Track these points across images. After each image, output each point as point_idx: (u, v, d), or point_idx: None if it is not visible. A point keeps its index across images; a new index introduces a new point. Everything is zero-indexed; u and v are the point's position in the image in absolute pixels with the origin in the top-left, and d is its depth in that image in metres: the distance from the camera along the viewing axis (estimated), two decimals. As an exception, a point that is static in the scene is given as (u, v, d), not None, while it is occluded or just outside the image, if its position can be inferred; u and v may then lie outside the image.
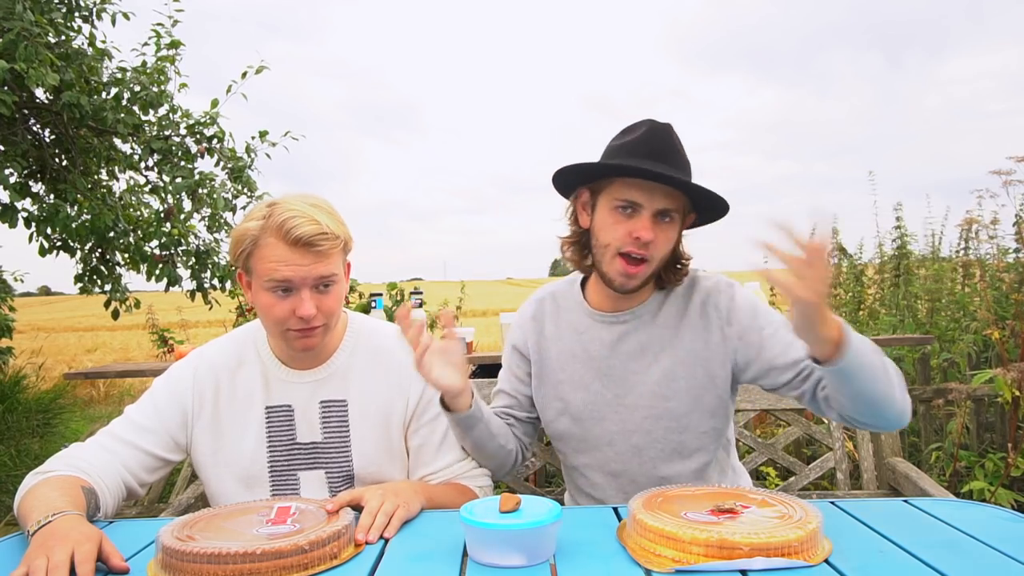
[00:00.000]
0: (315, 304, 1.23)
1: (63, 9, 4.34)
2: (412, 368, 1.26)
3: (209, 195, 4.67)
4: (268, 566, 0.90)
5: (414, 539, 1.05)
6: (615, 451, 1.39)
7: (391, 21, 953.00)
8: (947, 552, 0.94)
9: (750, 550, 0.88)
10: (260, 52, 20.43)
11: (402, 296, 4.72)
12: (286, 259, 1.20)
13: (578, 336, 1.43)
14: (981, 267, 3.61)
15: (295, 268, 1.20)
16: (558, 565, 0.92)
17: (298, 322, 1.23)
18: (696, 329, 1.36)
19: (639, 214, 1.28)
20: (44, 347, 8.35)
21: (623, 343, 1.39)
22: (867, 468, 1.79)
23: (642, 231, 1.27)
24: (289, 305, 1.23)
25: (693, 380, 1.35)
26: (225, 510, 1.10)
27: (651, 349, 1.37)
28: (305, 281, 1.22)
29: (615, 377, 1.39)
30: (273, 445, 1.33)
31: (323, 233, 1.20)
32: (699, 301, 1.38)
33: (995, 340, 2.67)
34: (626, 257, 1.29)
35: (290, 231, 1.19)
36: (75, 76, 4.08)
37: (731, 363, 1.36)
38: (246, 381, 1.35)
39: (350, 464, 1.33)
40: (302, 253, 1.20)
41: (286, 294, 1.22)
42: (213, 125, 4.75)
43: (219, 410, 1.34)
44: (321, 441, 1.33)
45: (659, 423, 1.36)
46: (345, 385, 1.35)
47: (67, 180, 4.51)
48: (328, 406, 1.34)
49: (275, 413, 1.34)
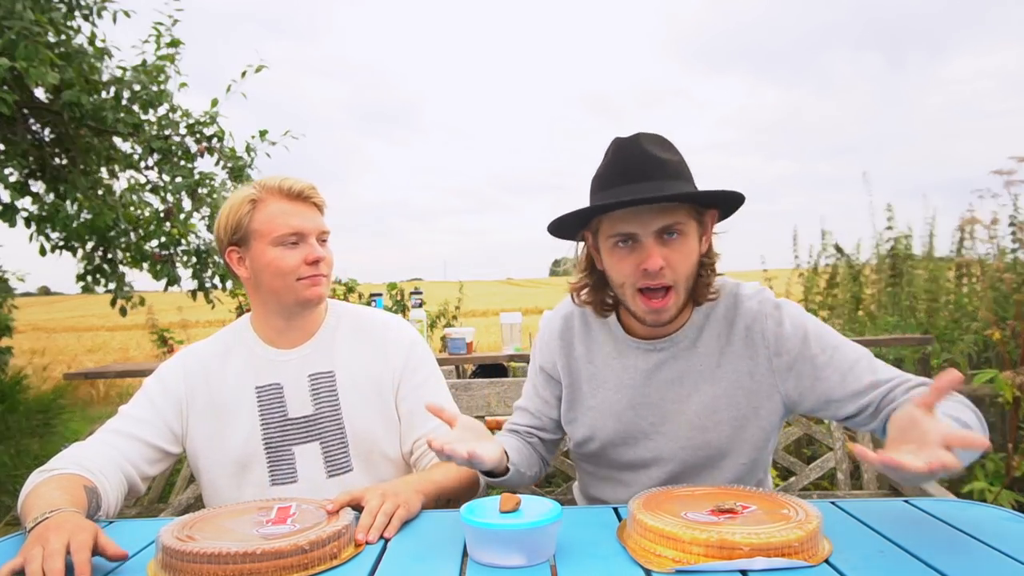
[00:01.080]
0: (320, 253, 1.34)
1: (63, 8, 4.34)
2: (393, 336, 1.42)
3: (209, 194, 4.67)
4: (268, 566, 0.90)
5: (414, 539, 1.05)
6: (648, 477, 1.32)
7: (391, 20, 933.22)
8: (947, 552, 0.93)
9: (750, 550, 0.87)
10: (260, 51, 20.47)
11: (402, 296, 4.72)
12: (293, 211, 1.33)
13: (610, 362, 1.33)
14: (981, 267, 3.61)
15: (302, 218, 1.33)
16: (558, 565, 0.92)
17: (308, 269, 1.33)
18: (741, 358, 1.26)
19: (639, 244, 1.18)
20: (44, 347, 8.35)
21: (660, 372, 1.29)
22: (867, 468, 1.79)
23: (647, 261, 1.16)
24: (299, 254, 1.33)
25: (735, 411, 1.25)
26: (225, 510, 1.10)
27: (690, 378, 1.28)
28: (312, 230, 1.34)
29: (651, 406, 1.30)
30: (266, 423, 1.37)
31: (313, 187, 1.36)
32: (743, 326, 1.26)
33: (995, 340, 2.67)
34: (645, 292, 1.20)
35: (290, 187, 1.33)
36: (75, 75, 4.08)
37: (780, 395, 1.26)
38: (235, 366, 1.40)
39: (343, 433, 1.37)
40: (304, 205, 1.34)
41: (294, 245, 1.33)
42: (213, 124, 4.75)
43: (212, 397, 1.38)
44: (313, 413, 1.37)
45: (696, 454, 1.28)
46: (331, 357, 1.40)
47: (67, 179, 4.52)
48: (316, 378, 1.38)
49: (265, 392, 1.38)
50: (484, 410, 1.83)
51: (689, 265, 1.21)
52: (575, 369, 1.37)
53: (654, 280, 1.18)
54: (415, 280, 12.73)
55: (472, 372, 3.92)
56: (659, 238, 1.18)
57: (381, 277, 4.91)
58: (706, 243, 1.25)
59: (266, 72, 4.68)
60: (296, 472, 1.36)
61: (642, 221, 1.16)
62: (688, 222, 1.20)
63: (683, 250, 1.19)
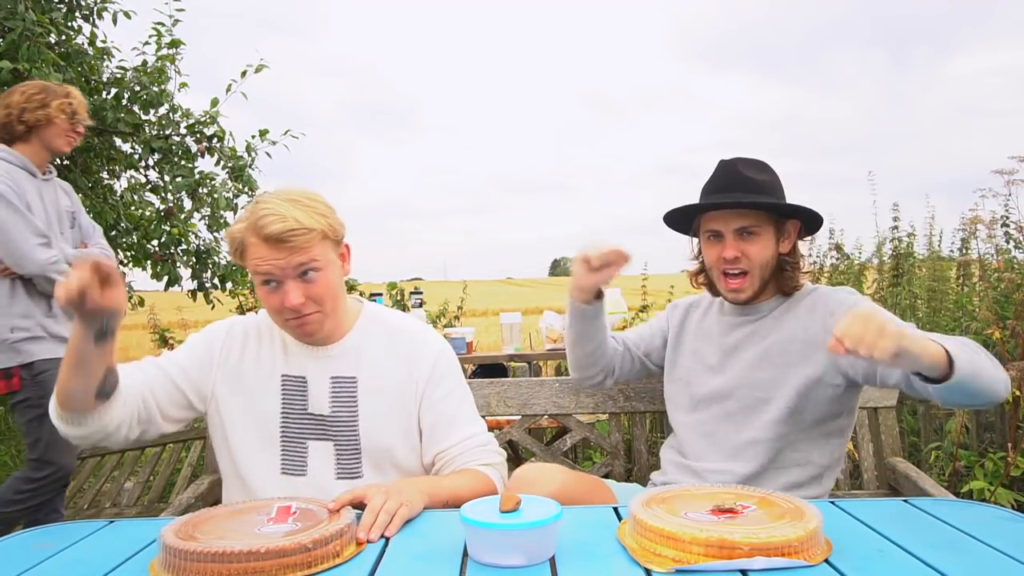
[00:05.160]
0: (302, 292, 1.29)
1: (63, 8, 4.34)
2: (419, 348, 1.42)
3: (209, 194, 4.67)
4: (272, 564, 0.90)
5: (415, 538, 1.06)
6: (709, 414, 1.55)
7: (392, 19, 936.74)
8: (947, 552, 0.94)
9: (750, 550, 0.88)
10: (259, 50, 20.39)
11: (402, 296, 4.72)
12: (265, 256, 1.28)
13: (711, 324, 1.64)
14: (982, 267, 3.61)
15: (272, 263, 1.28)
16: (558, 565, 0.92)
17: (290, 312, 1.31)
18: (800, 319, 1.52)
19: (722, 238, 1.52)
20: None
21: (740, 328, 1.58)
22: (867, 468, 1.79)
23: (725, 251, 1.50)
24: (279, 297, 1.30)
25: (785, 358, 1.49)
26: (227, 509, 1.11)
27: (760, 333, 1.55)
28: (285, 272, 1.28)
29: (723, 352, 1.58)
30: (287, 412, 1.38)
31: (292, 230, 1.26)
32: (811, 300, 1.54)
33: (995, 340, 2.67)
34: (726, 275, 1.53)
35: (262, 229, 1.26)
36: (75, 76, 4.08)
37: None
38: (270, 348, 1.43)
39: (357, 438, 1.37)
40: (277, 248, 1.27)
41: (274, 287, 1.30)
42: (213, 124, 4.74)
43: (243, 368, 1.41)
44: (328, 415, 1.38)
45: (749, 393, 1.51)
46: (357, 363, 1.40)
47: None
48: (338, 382, 1.39)
49: (290, 382, 1.39)
50: (484, 410, 1.84)
51: (762, 258, 1.50)
52: (687, 325, 1.70)
53: (731, 266, 1.51)
54: (415, 280, 12.73)
55: (472, 372, 3.92)
56: (738, 235, 1.50)
57: (381, 277, 4.90)
58: (786, 245, 1.54)
59: (267, 71, 4.68)
60: (306, 466, 1.36)
61: (725, 221, 1.51)
62: (764, 226, 1.50)
63: (757, 246, 1.50)
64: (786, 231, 1.54)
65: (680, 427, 1.62)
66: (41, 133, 2.40)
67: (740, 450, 1.49)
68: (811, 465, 1.49)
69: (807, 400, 1.47)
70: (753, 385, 1.51)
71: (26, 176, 2.39)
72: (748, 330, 1.56)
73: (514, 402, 1.87)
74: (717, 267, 1.54)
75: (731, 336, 1.58)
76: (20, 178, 2.35)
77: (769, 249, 1.51)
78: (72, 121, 2.44)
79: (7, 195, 2.26)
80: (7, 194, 2.26)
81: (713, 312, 1.67)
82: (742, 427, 1.50)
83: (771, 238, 1.51)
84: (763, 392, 1.49)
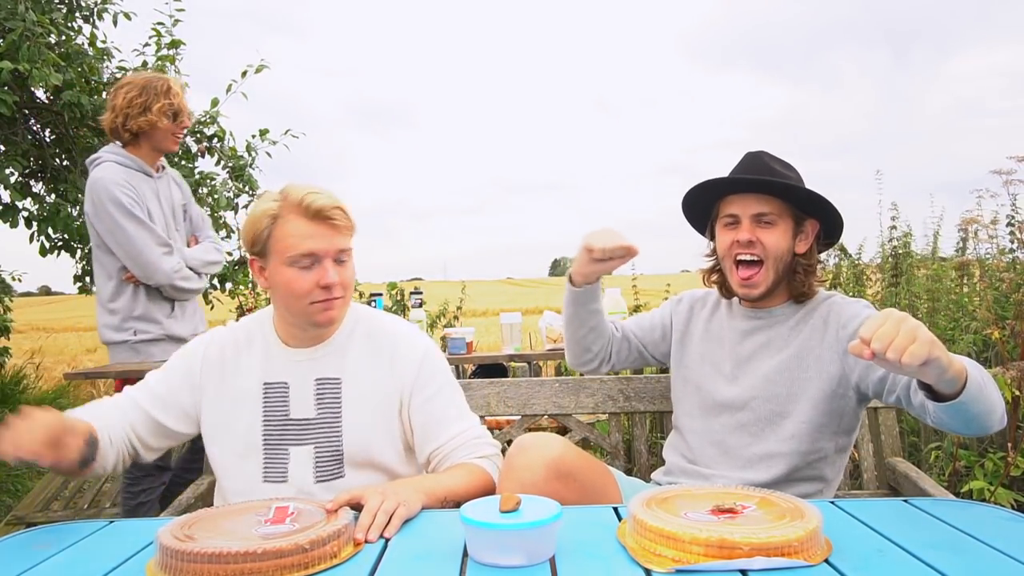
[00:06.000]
0: (336, 274, 1.32)
1: (63, 9, 4.34)
2: (404, 350, 1.40)
3: (210, 194, 4.67)
4: (269, 565, 0.90)
5: (414, 538, 1.05)
6: (720, 423, 1.52)
7: (392, 18, 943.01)
8: (947, 552, 0.94)
9: (750, 550, 0.88)
10: (259, 50, 20.44)
11: (402, 296, 4.72)
12: (308, 232, 1.29)
13: (723, 322, 1.61)
14: (981, 267, 3.60)
15: (318, 240, 1.29)
16: (558, 565, 0.92)
17: (321, 292, 1.31)
18: (814, 330, 1.48)
19: (739, 223, 1.48)
20: (44, 347, 8.35)
21: (753, 336, 1.54)
22: (867, 468, 1.79)
23: (740, 234, 1.46)
24: (313, 277, 1.30)
25: (801, 372, 1.46)
26: (224, 510, 1.11)
27: (775, 345, 1.51)
28: (327, 252, 1.31)
29: (738, 360, 1.54)
30: (268, 420, 1.38)
31: (338, 207, 1.31)
32: (825, 310, 1.50)
33: (995, 340, 2.67)
34: (740, 264, 1.48)
35: (310, 205, 1.28)
36: (76, 76, 4.08)
37: (841, 362, 1.43)
38: (249, 357, 1.42)
39: (340, 440, 1.37)
40: (323, 225, 1.29)
41: (309, 267, 1.30)
42: (213, 124, 4.75)
43: (224, 383, 1.41)
44: (313, 417, 1.37)
45: (766, 405, 1.47)
46: (341, 363, 1.40)
47: (68, 180, 4.51)
48: (323, 383, 1.39)
49: (272, 389, 1.39)
50: (484, 410, 1.84)
51: (777, 249, 1.46)
52: (693, 323, 1.66)
53: (745, 249, 1.46)
54: (415, 280, 12.72)
55: (472, 372, 3.92)
56: (755, 221, 1.46)
57: (381, 277, 4.90)
58: (803, 246, 1.49)
59: (267, 71, 4.68)
60: (287, 473, 1.36)
61: (744, 204, 1.47)
62: (782, 215, 1.47)
63: (774, 234, 1.46)
64: (804, 230, 1.50)
65: (687, 431, 1.59)
66: (147, 138, 2.44)
67: (754, 462, 1.47)
68: (822, 480, 1.49)
69: (824, 415, 1.45)
70: (769, 398, 1.47)
71: (142, 177, 2.44)
72: (763, 339, 1.52)
73: (514, 402, 1.86)
74: (730, 255, 1.49)
75: (745, 344, 1.54)
76: (137, 181, 2.41)
77: (785, 242, 1.47)
78: (176, 121, 2.46)
79: (131, 208, 2.33)
80: (131, 207, 2.33)
81: (722, 313, 1.63)
82: (757, 439, 1.47)
83: (788, 231, 1.47)
84: (779, 406, 1.46)
